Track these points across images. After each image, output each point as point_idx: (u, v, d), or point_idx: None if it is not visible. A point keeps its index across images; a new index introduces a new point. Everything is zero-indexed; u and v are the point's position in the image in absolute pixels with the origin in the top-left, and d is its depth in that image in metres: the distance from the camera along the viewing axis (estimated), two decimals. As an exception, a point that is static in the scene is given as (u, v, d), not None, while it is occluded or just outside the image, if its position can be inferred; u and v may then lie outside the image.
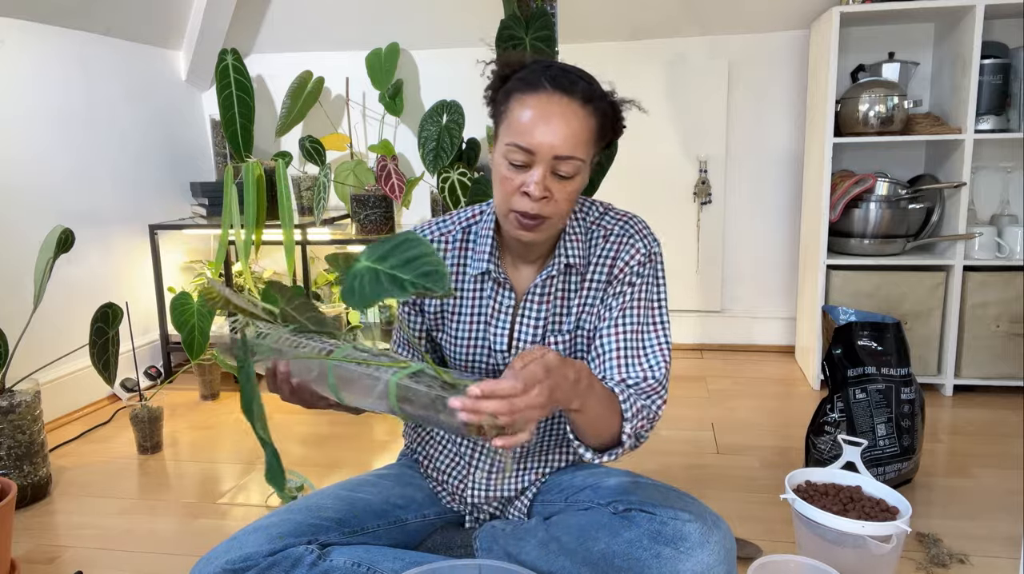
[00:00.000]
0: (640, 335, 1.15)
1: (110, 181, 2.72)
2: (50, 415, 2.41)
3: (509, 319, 1.20)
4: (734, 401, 2.53)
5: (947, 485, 1.88)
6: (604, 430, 1.04)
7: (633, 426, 1.06)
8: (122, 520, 1.82)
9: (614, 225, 1.20)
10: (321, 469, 2.08)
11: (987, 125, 2.49)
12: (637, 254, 1.17)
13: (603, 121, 1.08)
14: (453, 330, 1.23)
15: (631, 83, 2.98)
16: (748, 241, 3.05)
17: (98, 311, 1.96)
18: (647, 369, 1.13)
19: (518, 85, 1.07)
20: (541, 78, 1.05)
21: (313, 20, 3.04)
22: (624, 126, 1.15)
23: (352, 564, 1.08)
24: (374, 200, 2.82)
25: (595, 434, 1.04)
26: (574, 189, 1.08)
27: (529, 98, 1.05)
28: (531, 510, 1.28)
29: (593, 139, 1.07)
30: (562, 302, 1.20)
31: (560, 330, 1.20)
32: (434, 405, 0.85)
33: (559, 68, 1.06)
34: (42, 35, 2.42)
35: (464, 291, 1.22)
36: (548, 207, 1.06)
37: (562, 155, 1.03)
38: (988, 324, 2.49)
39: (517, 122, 1.05)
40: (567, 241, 1.17)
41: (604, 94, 1.09)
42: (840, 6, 2.44)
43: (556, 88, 1.04)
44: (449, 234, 1.23)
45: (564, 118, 1.03)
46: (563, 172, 1.05)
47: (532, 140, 1.03)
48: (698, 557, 1.00)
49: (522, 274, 1.21)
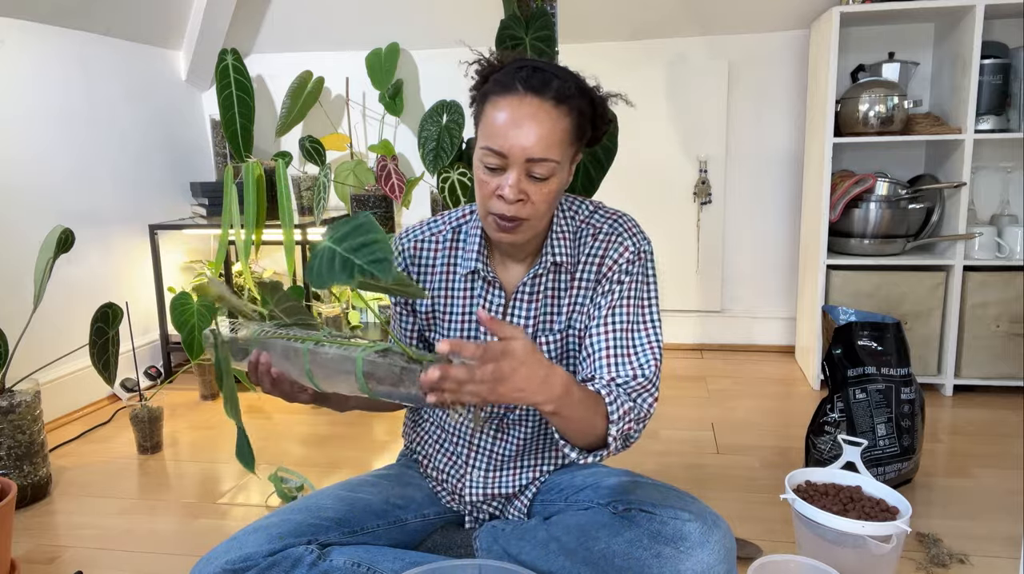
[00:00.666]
0: (630, 333, 1.15)
1: (110, 181, 2.72)
2: (50, 415, 2.41)
3: (500, 317, 1.20)
4: (734, 401, 2.53)
5: (947, 485, 1.88)
6: (588, 432, 1.02)
7: (619, 428, 1.04)
8: (122, 520, 1.82)
9: (603, 223, 1.19)
10: (321, 469, 2.08)
11: (987, 125, 2.49)
12: (626, 252, 1.16)
13: (580, 119, 1.07)
14: (445, 330, 1.23)
15: (631, 83, 2.98)
16: (748, 241, 3.05)
17: (98, 311, 1.96)
18: (637, 367, 1.12)
19: (492, 87, 1.07)
20: (514, 79, 1.04)
21: (313, 20, 3.04)
22: (609, 120, 1.14)
23: (352, 564, 1.08)
24: (374, 200, 2.82)
25: (579, 436, 1.03)
26: (551, 190, 1.07)
27: (501, 100, 1.04)
28: (531, 510, 1.28)
29: (569, 139, 1.06)
30: (552, 301, 1.20)
31: (551, 329, 1.20)
32: (399, 378, 0.87)
33: (532, 68, 1.05)
34: (42, 35, 2.42)
35: (454, 291, 1.22)
36: (525, 209, 1.06)
37: (535, 157, 1.03)
38: (988, 324, 2.49)
39: (490, 125, 1.05)
40: (554, 239, 1.17)
41: (582, 91, 1.08)
42: (840, 6, 2.44)
43: (528, 89, 1.03)
44: (439, 234, 1.23)
45: (536, 120, 1.02)
46: (538, 174, 1.04)
47: (504, 144, 1.03)
48: (698, 557, 1.00)
49: (511, 273, 1.21)
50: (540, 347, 1.19)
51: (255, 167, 2.42)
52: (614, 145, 1.96)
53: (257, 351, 1.04)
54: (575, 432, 1.02)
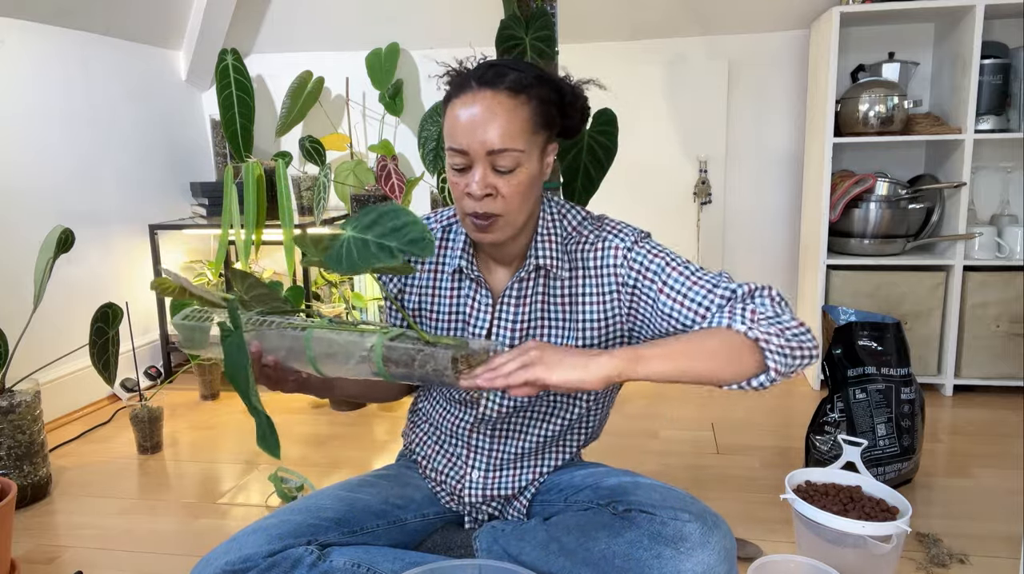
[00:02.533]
0: (689, 289, 1.08)
1: (110, 181, 2.72)
2: (50, 415, 2.41)
3: (488, 319, 1.20)
4: (734, 401, 2.53)
5: (947, 485, 1.88)
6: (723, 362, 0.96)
7: (759, 333, 0.98)
8: (122, 520, 1.82)
9: (589, 232, 1.18)
10: (321, 469, 2.08)
11: (987, 125, 2.49)
12: (616, 250, 1.15)
13: (542, 107, 1.07)
14: (432, 327, 1.24)
15: (631, 83, 2.98)
16: (748, 241, 3.05)
17: (98, 311, 1.96)
18: (721, 291, 1.06)
19: (451, 90, 1.08)
20: (469, 79, 1.06)
21: (313, 20, 3.04)
22: (581, 106, 1.13)
23: (352, 564, 1.08)
24: (374, 200, 2.82)
25: (719, 370, 0.96)
26: (519, 181, 1.06)
27: (457, 100, 1.06)
28: (531, 510, 1.28)
29: (531, 127, 1.06)
30: (546, 308, 1.19)
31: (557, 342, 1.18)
32: (419, 360, 0.94)
33: (488, 65, 1.07)
34: (42, 35, 2.42)
35: (442, 289, 1.23)
36: (496, 204, 1.06)
37: (496, 149, 1.03)
38: (988, 324, 2.48)
39: (450, 126, 1.06)
40: (539, 242, 1.17)
41: (542, 79, 1.07)
42: (840, 6, 2.44)
43: (481, 85, 1.04)
44: (431, 232, 1.23)
45: (491, 112, 1.03)
46: (502, 166, 1.05)
47: (463, 140, 1.04)
48: (699, 557, 1.00)
49: (498, 276, 1.21)
50: None
51: (255, 167, 2.42)
52: (614, 145, 1.96)
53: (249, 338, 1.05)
54: (706, 371, 0.96)
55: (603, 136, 1.94)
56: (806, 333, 1.02)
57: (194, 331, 1.08)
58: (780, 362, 0.98)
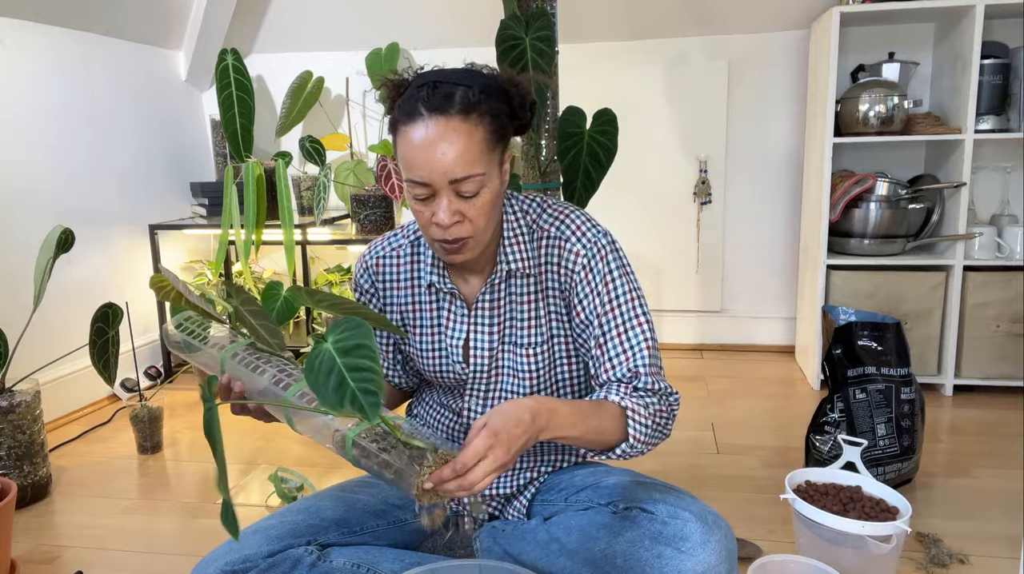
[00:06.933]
0: (616, 331, 1.14)
1: (110, 181, 2.72)
2: (50, 415, 2.41)
3: (464, 329, 1.20)
4: (734, 401, 2.53)
5: (947, 485, 1.88)
6: (606, 436, 1.06)
7: (636, 422, 1.08)
8: (122, 520, 1.82)
9: (550, 226, 1.17)
10: (321, 469, 2.08)
11: (987, 125, 2.49)
12: (577, 257, 1.15)
13: (495, 122, 1.04)
14: (417, 342, 1.24)
15: (631, 83, 2.98)
16: (748, 241, 3.05)
17: (98, 311, 1.96)
18: (629, 360, 1.13)
19: (399, 115, 1.03)
20: (417, 104, 1.01)
21: (313, 20, 3.04)
22: (529, 102, 1.10)
23: (352, 565, 1.08)
24: (374, 200, 2.82)
25: (597, 443, 1.06)
26: (485, 202, 1.05)
27: (409, 129, 1.01)
28: (531, 510, 1.28)
29: (488, 147, 1.03)
30: (518, 307, 1.19)
31: (533, 342, 1.19)
32: (386, 467, 0.86)
33: (432, 85, 1.02)
34: (42, 35, 2.42)
35: (421, 303, 1.23)
36: (464, 228, 1.05)
37: (458, 178, 1.01)
38: (988, 324, 2.48)
39: (406, 157, 1.02)
40: (507, 246, 1.16)
41: (490, 90, 1.04)
42: (840, 6, 2.44)
43: (432, 111, 1.00)
44: (400, 248, 1.23)
45: (446, 141, 0.99)
46: (466, 192, 1.03)
47: (423, 173, 1.01)
48: (699, 557, 1.00)
49: (470, 284, 1.21)
50: (521, 360, 1.19)
51: (255, 167, 2.42)
52: (614, 145, 1.95)
53: (228, 376, 1.00)
54: (587, 442, 1.05)
55: (603, 136, 1.93)
56: (667, 414, 1.14)
57: (187, 343, 1.07)
58: (632, 444, 1.09)
